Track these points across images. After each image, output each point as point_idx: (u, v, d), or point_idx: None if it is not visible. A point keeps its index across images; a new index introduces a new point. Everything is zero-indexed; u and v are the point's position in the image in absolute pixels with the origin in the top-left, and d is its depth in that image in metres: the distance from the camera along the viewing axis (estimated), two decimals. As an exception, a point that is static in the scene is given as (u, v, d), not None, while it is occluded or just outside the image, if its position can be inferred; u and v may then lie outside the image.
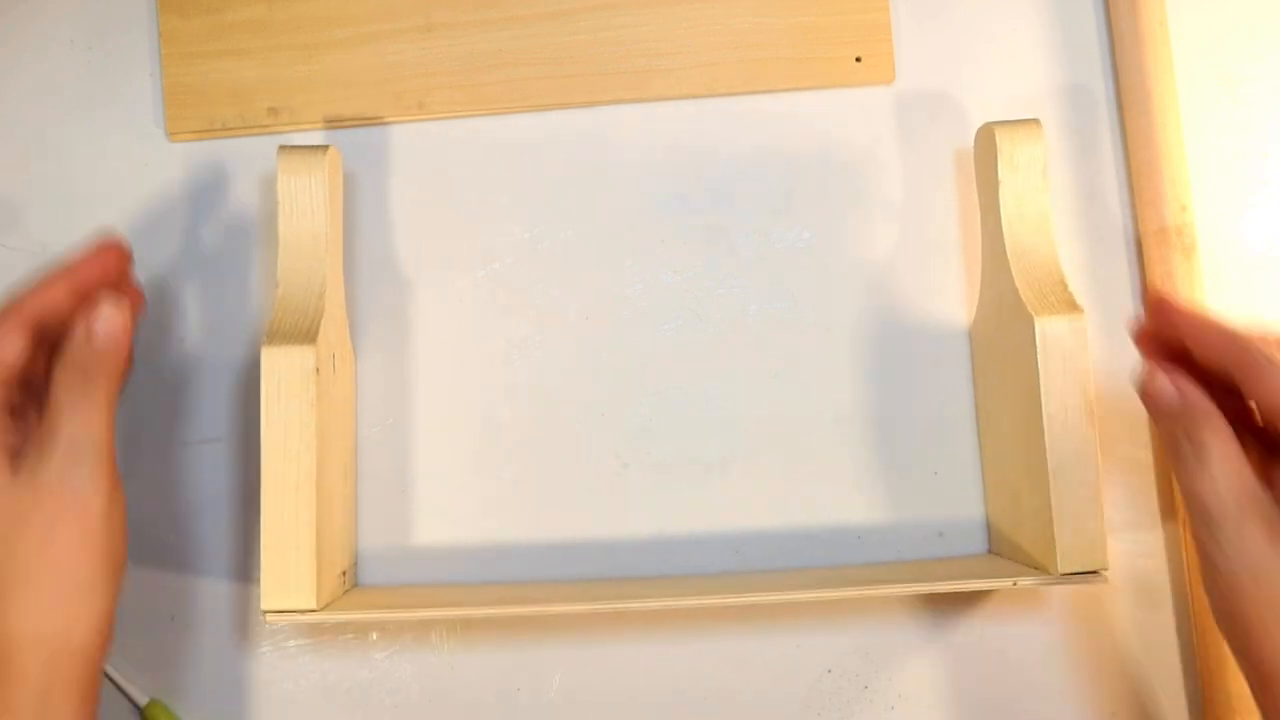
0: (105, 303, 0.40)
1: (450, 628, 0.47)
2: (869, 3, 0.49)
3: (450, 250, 0.49)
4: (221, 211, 0.49)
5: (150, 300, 0.48)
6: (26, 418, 0.40)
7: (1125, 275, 0.48)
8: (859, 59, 0.48)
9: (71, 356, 0.39)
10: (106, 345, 0.40)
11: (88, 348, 0.40)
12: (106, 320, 0.40)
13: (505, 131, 0.49)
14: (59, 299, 0.41)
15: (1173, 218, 0.46)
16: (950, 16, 0.50)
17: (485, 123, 0.49)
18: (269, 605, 0.40)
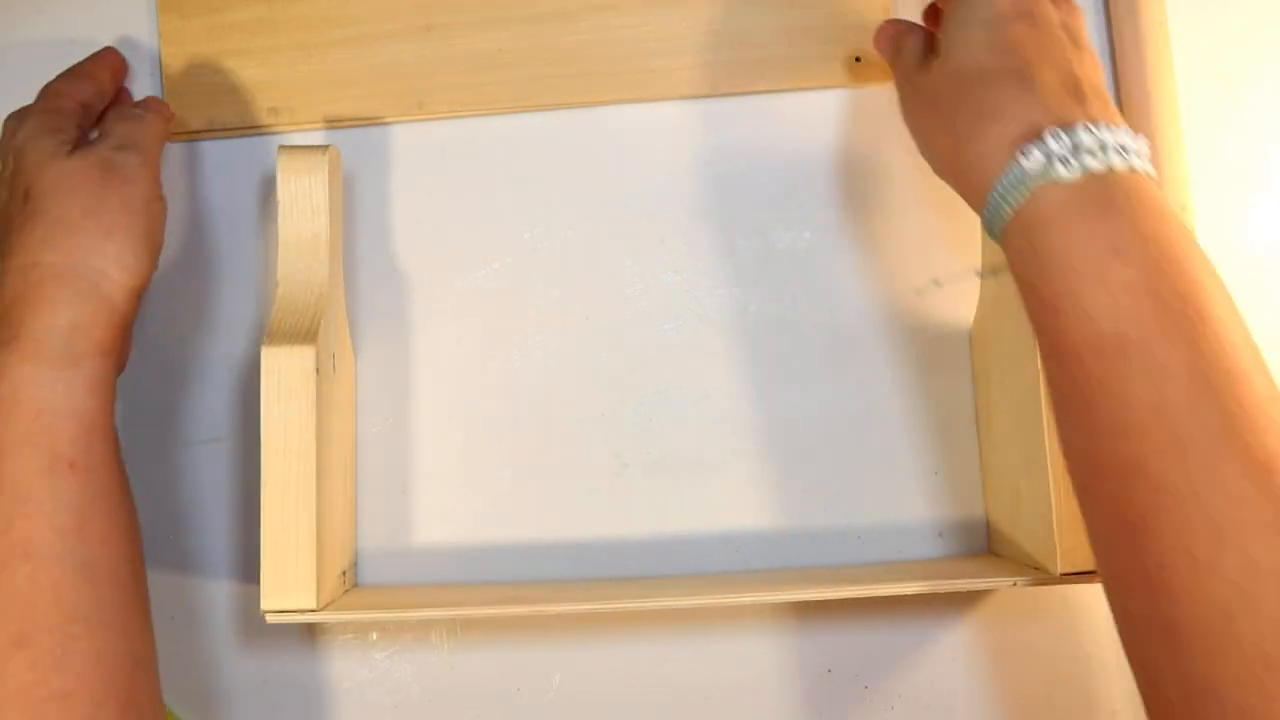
0: (149, 97, 0.49)
1: (450, 628, 0.47)
2: (869, 2, 0.49)
3: (450, 250, 0.49)
4: (221, 211, 0.50)
5: (150, 300, 0.48)
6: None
7: (1125, 275, 0.48)
8: (858, 59, 0.48)
9: (123, 109, 0.46)
10: (156, 106, 0.47)
11: (137, 108, 0.46)
12: (149, 99, 0.48)
13: (505, 131, 0.49)
14: (93, 80, 0.46)
15: (1173, 218, 0.46)
16: (950, 16, 0.50)
17: (485, 123, 0.49)
18: (269, 605, 0.40)
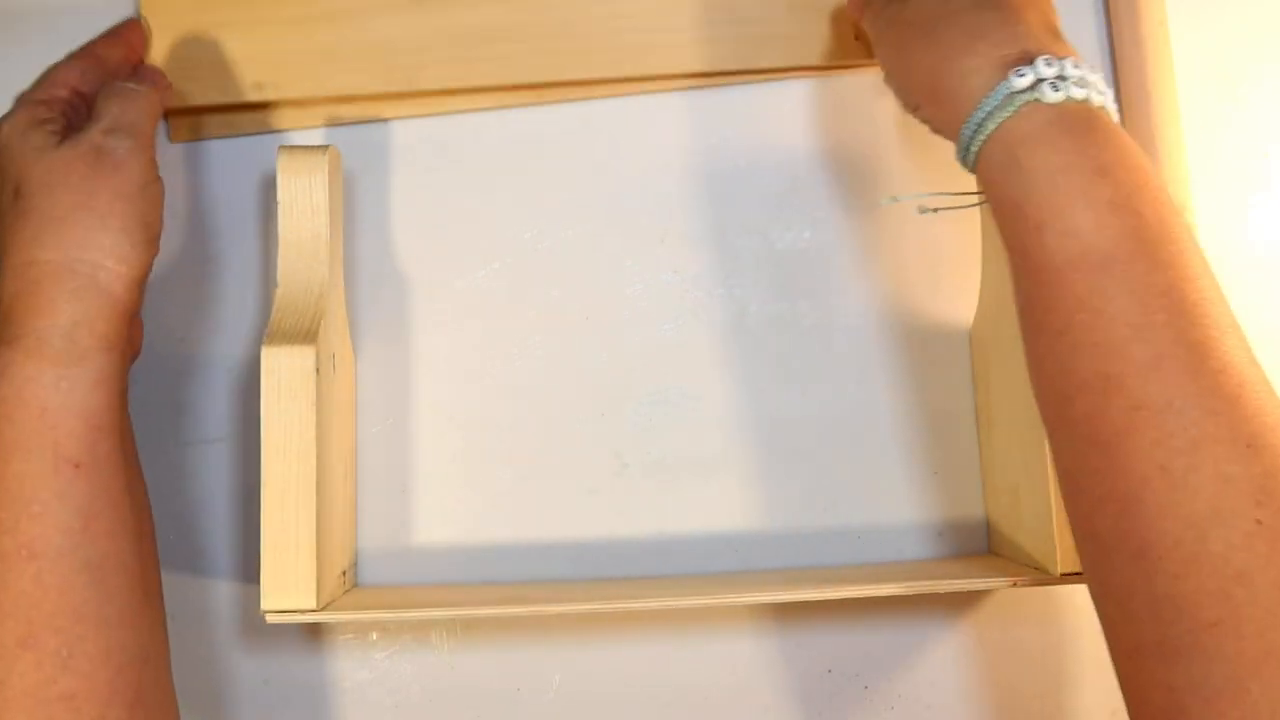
0: (142, 64, 0.47)
1: (450, 628, 0.47)
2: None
3: (450, 250, 0.49)
4: (222, 211, 0.49)
5: (150, 300, 0.48)
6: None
7: (1125, 275, 0.48)
8: (858, 36, 0.48)
9: (115, 85, 0.43)
10: (151, 78, 0.45)
11: (131, 83, 0.43)
12: (147, 68, 0.46)
13: (505, 130, 0.49)
14: (97, 62, 0.44)
15: (1173, 218, 0.46)
16: (950, 16, 0.50)
17: (485, 121, 0.49)
18: (269, 605, 0.40)
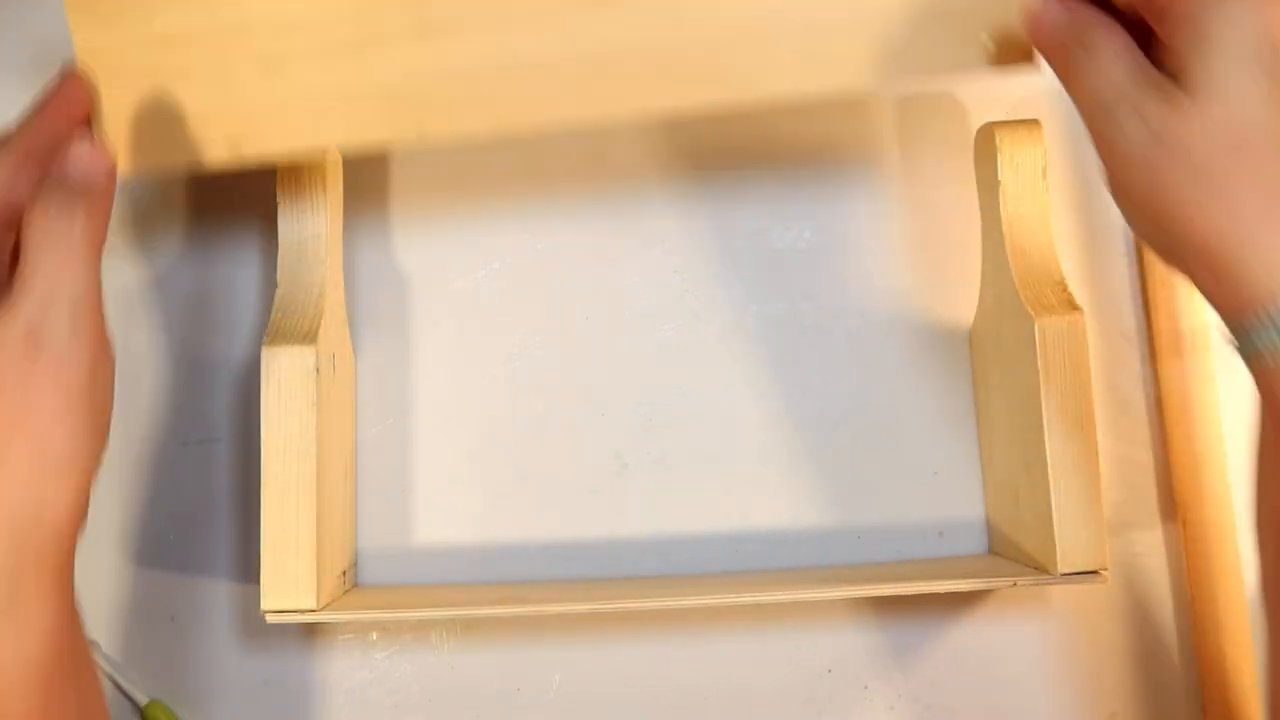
0: (78, 140, 0.35)
1: (450, 628, 0.47)
2: None
3: (450, 250, 0.49)
4: (222, 211, 0.49)
5: (150, 300, 0.48)
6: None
7: (1125, 275, 0.48)
8: (992, 44, 0.46)
9: (46, 201, 0.34)
10: (86, 180, 0.35)
11: (63, 189, 0.34)
12: (82, 156, 0.35)
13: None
14: (24, 157, 0.35)
15: (1173, 218, 0.46)
16: (950, 16, 0.50)
17: (485, 123, 0.49)
18: (269, 605, 0.40)
